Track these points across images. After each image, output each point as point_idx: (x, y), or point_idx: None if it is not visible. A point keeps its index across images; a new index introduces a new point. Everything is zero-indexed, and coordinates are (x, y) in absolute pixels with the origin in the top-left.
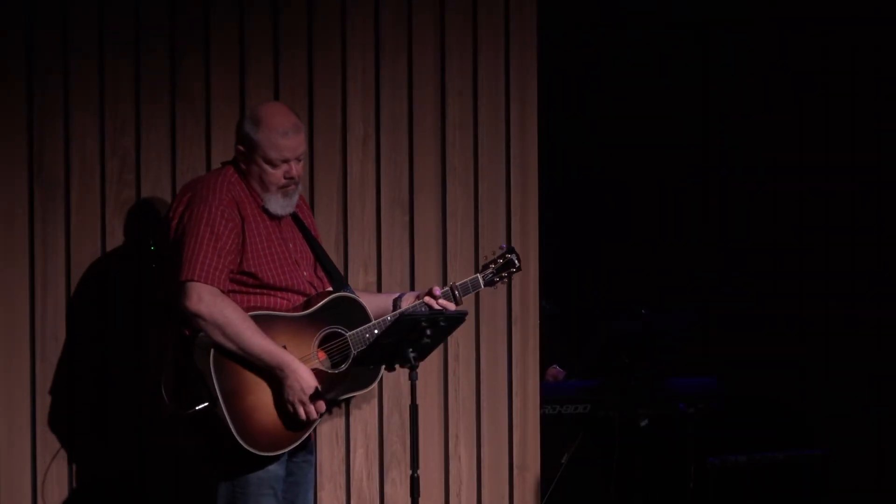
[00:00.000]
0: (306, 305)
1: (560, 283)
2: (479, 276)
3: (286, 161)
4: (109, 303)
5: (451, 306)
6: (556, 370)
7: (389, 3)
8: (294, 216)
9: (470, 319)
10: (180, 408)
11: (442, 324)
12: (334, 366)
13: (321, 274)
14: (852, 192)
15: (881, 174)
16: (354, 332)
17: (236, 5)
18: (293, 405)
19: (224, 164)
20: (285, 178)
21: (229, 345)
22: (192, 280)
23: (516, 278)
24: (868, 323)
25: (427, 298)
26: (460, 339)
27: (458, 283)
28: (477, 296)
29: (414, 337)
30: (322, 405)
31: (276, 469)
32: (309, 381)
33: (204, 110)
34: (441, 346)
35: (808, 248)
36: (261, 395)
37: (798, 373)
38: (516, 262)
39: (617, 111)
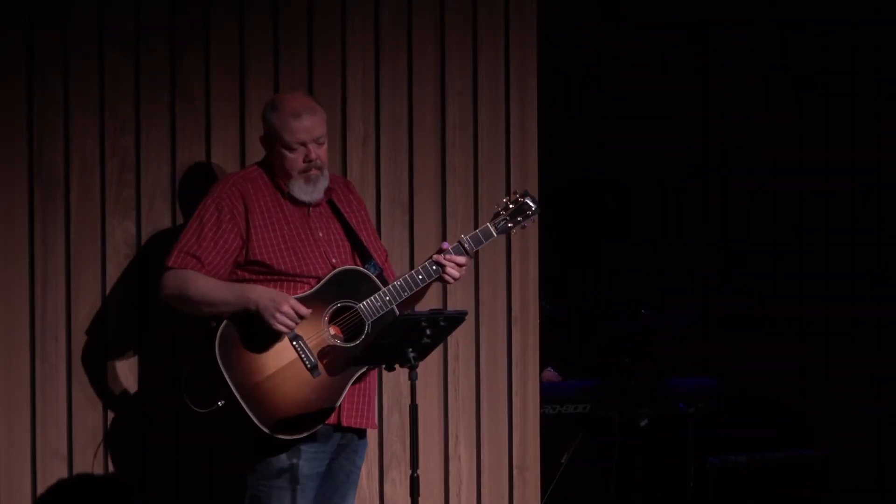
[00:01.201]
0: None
1: (560, 283)
2: (489, 225)
3: (302, 144)
4: (109, 303)
5: (462, 260)
6: (550, 373)
7: (389, 3)
8: (332, 205)
9: (470, 319)
10: (201, 406)
11: (442, 324)
12: (349, 339)
13: (360, 264)
14: (852, 192)
15: (881, 174)
16: (365, 302)
17: (236, 5)
18: (276, 323)
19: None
20: (305, 161)
21: (203, 308)
22: (165, 265)
23: (516, 279)
24: (868, 323)
25: (436, 256)
26: (460, 339)
27: (467, 236)
28: (477, 296)
29: (414, 337)
30: (303, 309)
31: (302, 465)
32: (272, 295)
33: (204, 110)
34: (441, 346)
35: (808, 248)
36: (276, 381)
37: (798, 373)
38: (531, 204)
39: (617, 111)
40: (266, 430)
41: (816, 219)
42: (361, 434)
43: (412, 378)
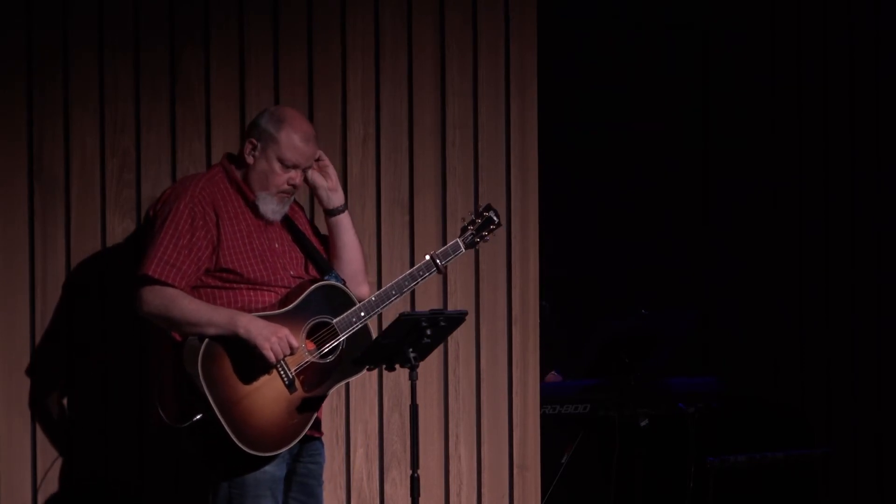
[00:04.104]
0: (286, 299)
1: (560, 283)
2: (459, 241)
3: (296, 167)
4: (109, 303)
5: None
6: (553, 376)
7: (389, 3)
8: (286, 219)
9: (470, 319)
10: (176, 420)
11: (442, 324)
12: (324, 355)
13: (313, 272)
14: (852, 192)
15: (881, 174)
16: (340, 318)
17: (236, 5)
18: (268, 352)
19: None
20: (288, 184)
21: (186, 328)
22: (144, 273)
23: (516, 279)
24: (868, 323)
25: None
26: (460, 339)
27: (437, 252)
28: (477, 296)
29: (414, 337)
30: (295, 342)
31: (273, 470)
32: (265, 323)
33: (204, 110)
34: (441, 346)
35: (808, 248)
36: (256, 399)
37: (798, 373)
38: (495, 218)
39: (617, 111)
40: (245, 449)
41: (816, 218)
42: (312, 438)
43: (412, 378)
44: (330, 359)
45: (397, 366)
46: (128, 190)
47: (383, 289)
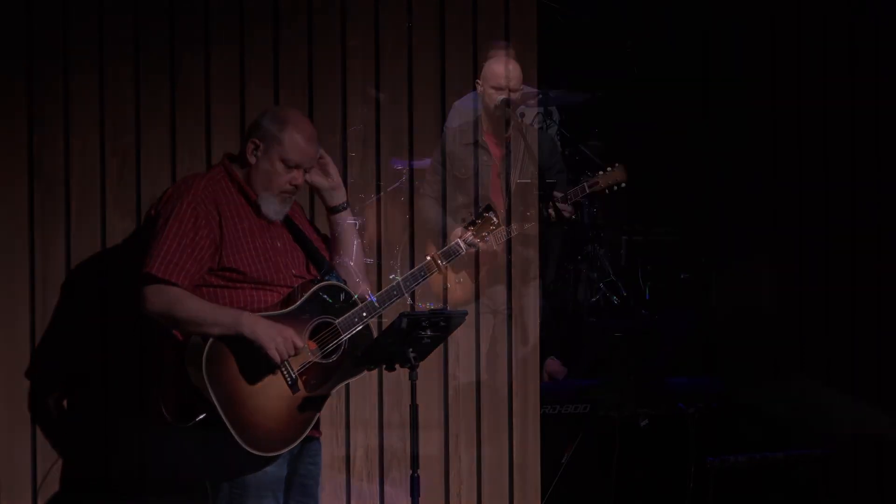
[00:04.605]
0: (289, 299)
1: (562, 282)
2: (460, 241)
3: (299, 167)
4: (109, 303)
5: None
6: (555, 364)
7: (389, 4)
8: (286, 218)
9: (470, 319)
10: (179, 420)
11: (442, 324)
12: (327, 355)
13: (314, 272)
14: (853, 192)
15: (881, 174)
16: (342, 318)
17: (236, 6)
18: (273, 352)
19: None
20: (290, 184)
21: (190, 328)
22: (148, 272)
23: (517, 279)
24: (868, 323)
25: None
26: (460, 339)
27: (439, 252)
28: (477, 296)
29: (414, 337)
30: (300, 342)
31: (275, 471)
32: (270, 323)
33: (204, 110)
34: (441, 346)
35: (809, 249)
36: (259, 399)
37: (798, 372)
38: (495, 219)
39: (617, 111)
40: (248, 449)
41: (816, 218)
42: (312, 438)
43: (412, 378)
44: (332, 359)
45: (397, 366)
46: (128, 190)
47: (385, 289)
